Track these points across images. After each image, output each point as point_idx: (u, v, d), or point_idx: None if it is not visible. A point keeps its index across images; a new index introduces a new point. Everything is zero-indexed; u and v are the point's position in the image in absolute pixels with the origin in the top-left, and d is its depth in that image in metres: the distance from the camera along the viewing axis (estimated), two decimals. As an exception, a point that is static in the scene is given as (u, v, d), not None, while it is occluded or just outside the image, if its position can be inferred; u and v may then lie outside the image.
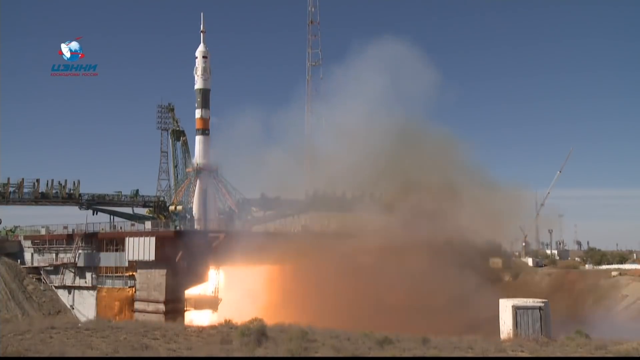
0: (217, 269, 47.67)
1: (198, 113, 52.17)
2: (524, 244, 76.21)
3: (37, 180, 49.33)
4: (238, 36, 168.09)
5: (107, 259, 47.28)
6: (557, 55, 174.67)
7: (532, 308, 18.30)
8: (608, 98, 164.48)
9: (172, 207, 53.26)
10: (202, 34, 52.88)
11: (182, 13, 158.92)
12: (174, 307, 43.40)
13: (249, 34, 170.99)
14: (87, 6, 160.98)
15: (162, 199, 58.70)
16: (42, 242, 51.54)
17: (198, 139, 52.76)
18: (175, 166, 62.51)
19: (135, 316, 42.72)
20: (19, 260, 50.82)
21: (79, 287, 48.40)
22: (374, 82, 57.07)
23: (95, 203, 52.78)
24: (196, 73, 52.13)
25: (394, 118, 59.03)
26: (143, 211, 57.46)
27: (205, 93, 52.14)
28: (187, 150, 59.68)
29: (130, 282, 45.74)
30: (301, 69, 75.89)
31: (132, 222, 53.61)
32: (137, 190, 56.23)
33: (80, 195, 51.34)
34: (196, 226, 50.43)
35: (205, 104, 52.12)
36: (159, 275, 43.82)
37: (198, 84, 52.08)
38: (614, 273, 56.50)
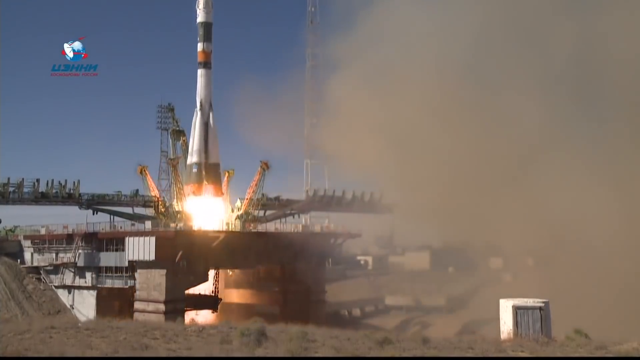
0: (216, 269, 47.65)
1: (200, 46, 52.05)
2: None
3: (37, 180, 49.30)
4: (239, 37, 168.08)
5: (107, 258, 47.34)
6: None
7: (533, 308, 18.27)
8: None
9: (173, 225, 49.40)
10: None
11: (183, 13, 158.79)
12: (174, 307, 43.49)
13: (250, 36, 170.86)
14: (87, 5, 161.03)
15: (162, 199, 58.50)
16: (42, 242, 51.58)
17: (200, 72, 52.42)
18: (175, 166, 62.19)
19: (135, 316, 42.81)
20: (18, 260, 50.92)
21: (79, 287, 48.48)
22: None
23: (95, 203, 52.69)
24: (198, 6, 52.08)
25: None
26: (143, 211, 57.28)
27: (207, 26, 52.12)
28: (187, 150, 59.59)
29: (130, 282, 45.78)
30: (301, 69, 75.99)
31: (132, 222, 53.48)
32: (137, 190, 56.08)
33: (80, 195, 51.24)
34: (195, 159, 50.81)
35: (207, 37, 52.09)
36: (159, 275, 43.88)
37: (200, 17, 52.12)
38: None
